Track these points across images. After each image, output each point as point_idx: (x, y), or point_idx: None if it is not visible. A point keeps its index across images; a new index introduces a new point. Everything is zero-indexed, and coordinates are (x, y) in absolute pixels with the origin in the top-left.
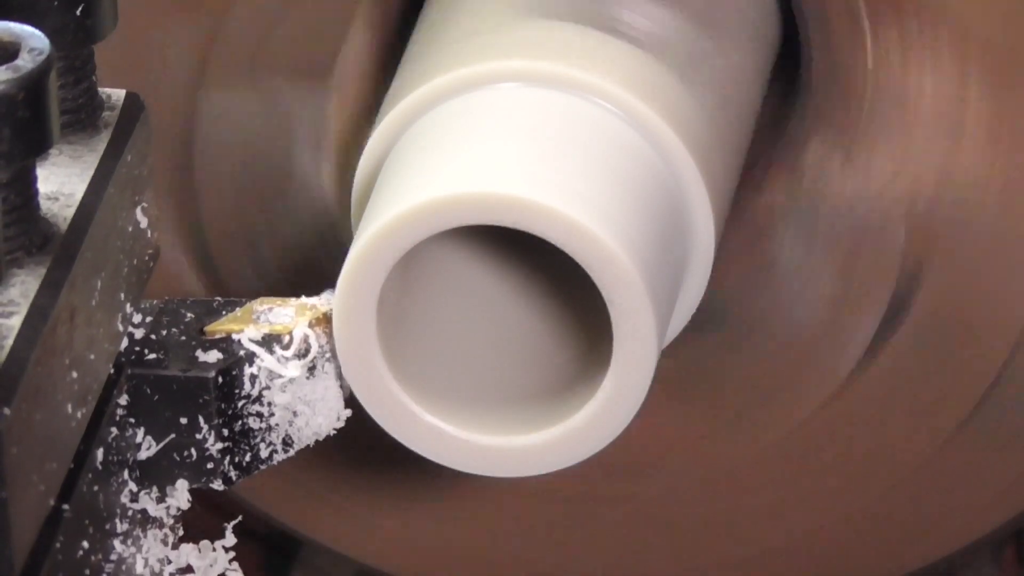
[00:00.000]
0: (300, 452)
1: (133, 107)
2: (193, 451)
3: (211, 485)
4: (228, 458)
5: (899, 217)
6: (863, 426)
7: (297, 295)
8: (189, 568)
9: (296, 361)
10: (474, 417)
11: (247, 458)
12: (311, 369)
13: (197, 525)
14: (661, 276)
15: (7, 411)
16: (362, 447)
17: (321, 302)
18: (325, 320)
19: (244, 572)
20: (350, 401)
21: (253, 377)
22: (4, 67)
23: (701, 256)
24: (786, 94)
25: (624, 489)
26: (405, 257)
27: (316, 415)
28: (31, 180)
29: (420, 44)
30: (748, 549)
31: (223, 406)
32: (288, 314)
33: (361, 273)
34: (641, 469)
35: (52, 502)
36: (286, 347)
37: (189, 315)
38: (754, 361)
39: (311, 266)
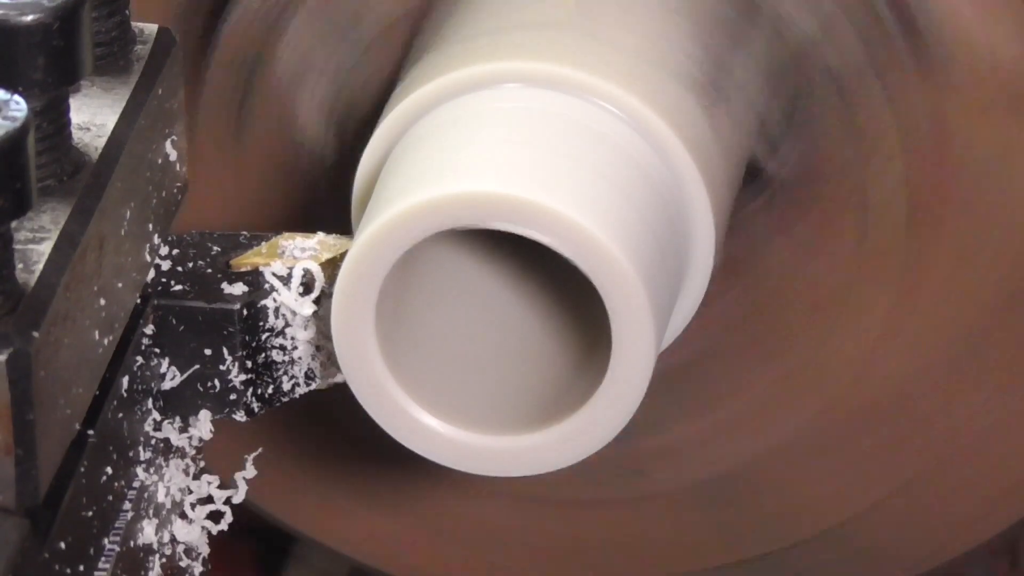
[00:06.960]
0: (320, 390)
1: (165, 41)
2: (216, 382)
3: (233, 416)
4: (251, 390)
5: None
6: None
7: None
8: (209, 499)
9: (309, 297)
10: (473, 417)
11: (270, 390)
12: None
13: None
14: (660, 278)
15: (36, 334)
16: (359, 445)
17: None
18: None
19: (239, 567)
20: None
21: (277, 311)
22: None
23: (701, 258)
24: None
25: (622, 492)
26: (405, 257)
27: None
28: (64, 109)
29: (424, 44)
30: (740, 555)
31: (247, 338)
32: (313, 248)
33: (361, 271)
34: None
35: (78, 427)
36: (306, 284)
37: (216, 248)
38: (750, 371)
39: None
